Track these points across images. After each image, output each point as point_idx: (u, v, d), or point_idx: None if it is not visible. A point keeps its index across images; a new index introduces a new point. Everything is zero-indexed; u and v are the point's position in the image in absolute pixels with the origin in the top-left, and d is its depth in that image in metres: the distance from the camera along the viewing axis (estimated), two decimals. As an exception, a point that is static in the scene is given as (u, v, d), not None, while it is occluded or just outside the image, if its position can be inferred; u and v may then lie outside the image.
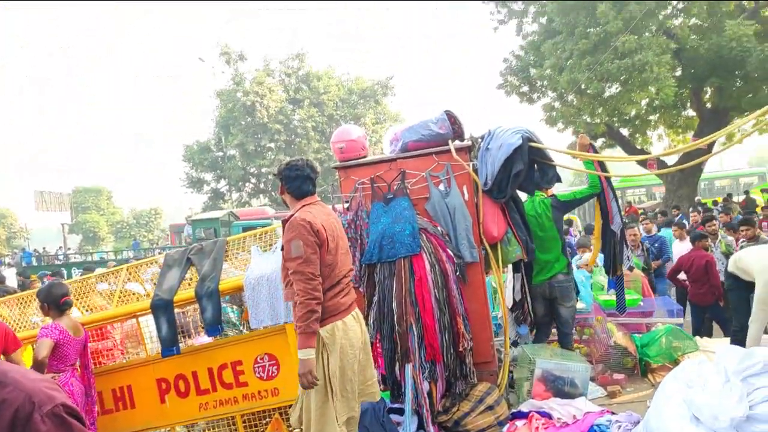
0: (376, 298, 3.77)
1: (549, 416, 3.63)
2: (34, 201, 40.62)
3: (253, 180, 36.20)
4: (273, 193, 35.46)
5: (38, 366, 3.40)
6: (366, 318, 3.78)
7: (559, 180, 4.51)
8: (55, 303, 3.71)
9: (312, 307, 2.76)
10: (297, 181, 3.06)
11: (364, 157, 4.33)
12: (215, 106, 35.20)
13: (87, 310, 4.30)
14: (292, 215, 2.96)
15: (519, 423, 3.67)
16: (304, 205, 3.01)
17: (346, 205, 4.25)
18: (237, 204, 35.66)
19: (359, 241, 4.03)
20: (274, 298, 3.66)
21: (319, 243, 2.86)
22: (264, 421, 4.19)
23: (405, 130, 4.36)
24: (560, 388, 3.95)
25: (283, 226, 2.97)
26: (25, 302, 4.55)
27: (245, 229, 21.65)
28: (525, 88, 16.90)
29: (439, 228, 3.96)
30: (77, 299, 4.26)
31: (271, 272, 3.65)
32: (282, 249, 2.94)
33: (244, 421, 3.99)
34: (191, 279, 4.02)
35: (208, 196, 35.96)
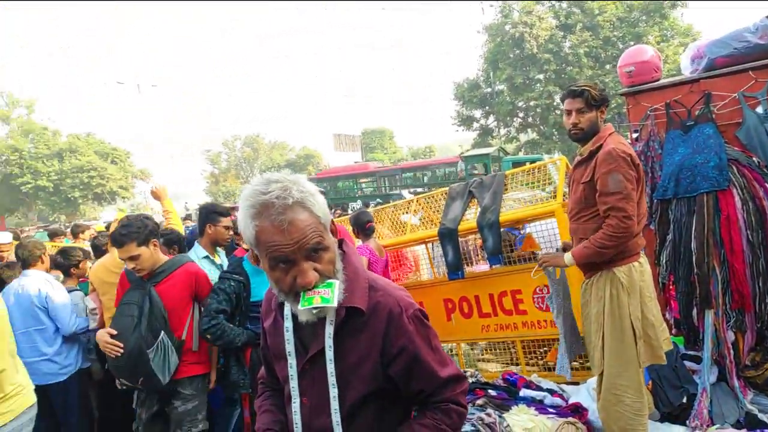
0: (670, 237, 3.44)
1: None
2: (332, 143, 47.60)
3: (521, 114, 35.68)
4: (542, 127, 34.51)
5: None
6: (657, 257, 3.50)
7: None
8: (362, 227, 4.40)
9: (612, 244, 2.62)
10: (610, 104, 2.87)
11: (658, 80, 3.86)
12: (483, 41, 35.26)
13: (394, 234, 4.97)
14: (599, 145, 2.75)
15: None
16: (610, 133, 2.80)
17: (635, 135, 3.89)
18: (505, 139, 35.80)
19: (650, 174, 3.68)
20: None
21: (637, 178, 2.68)
22: (542, 349, 4.33)
23: (711, 45, 3.71)
24: None
25: (590, 157, 2.79)
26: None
27: (514, 164, 21.75)
28: None
29: (755, 159, 3.35)
30: (382, 222, 4.97)
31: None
32: (590, 182, 2.75)
33: (523, 347, 4.18)
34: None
35: (477, 132, 36.83)
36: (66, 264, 4.16)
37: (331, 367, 1.25)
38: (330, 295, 1.17)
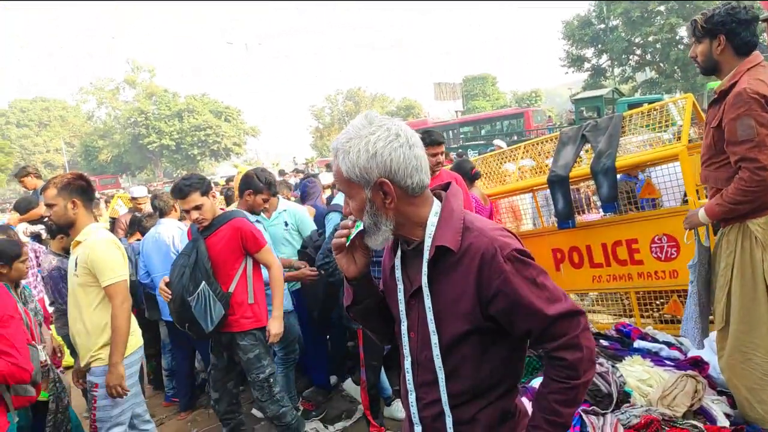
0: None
1: None
2: (433, 92, 46.85)
3: (638, 51, 32.76)
4: (662, 65, 31.54)
5: None
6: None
7: None
8: (467, 174, 4.36)
9: (746, 199, 2.38)
10: (745, 31, 2.41)
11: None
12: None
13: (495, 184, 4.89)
14: (734, 83, 2.42)
15: None
16: (750, 67, 2.41)
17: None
18: (620, 80, 33.21)
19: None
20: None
21: None
22: (658, 302, 4.12)
23: None
24: None
25: (722, 98, 2.48)
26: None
27: (631, 106, 20.19)
28: None
29: None
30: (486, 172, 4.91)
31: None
32: (718, 127, 2.49)
33: (638, 298, 4.00)
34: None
35: (589, 73, 34.46)
36: None
37: (428, 302, 1.34)
38: (352, 233, 1.37)
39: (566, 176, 3.95)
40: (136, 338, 3.02)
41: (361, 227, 1.36)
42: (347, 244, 1.39)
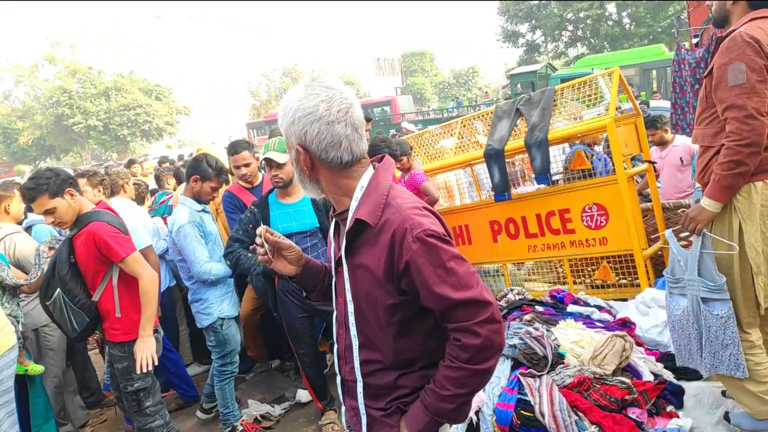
0: None
1: None
2: (372, 68, 46.59)
3: (570, 27, 33.68)
4: (592, 40, 32.60)
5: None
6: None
7: None
8: (406, 154, 4.37)
9: (742, 157, 2.13)
10: None
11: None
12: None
13: (429, 160, 4.94)
14: (731, 31, 2.24)
15: None
16: (753, 18, 2.23)
17: (695, 41, 3.65)
18: (553, 55, 34.09)
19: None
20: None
21: None
22: (589, 268, 4.32)
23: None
24: None
25: (716, 45, 2.31)
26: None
27: (564, 80, 20.74)
28: None
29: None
30: (419, 149, 4.93)
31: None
32: (709, 75, 2.30)
33: (570, 265, 4.18)
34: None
35: (524, 49, 35.19)
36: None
37: (345, 272, 1.40)
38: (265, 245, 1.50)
39: (502, 150, 4.03)
40: (4, 339, 2.86)
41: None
42: (267, 255, 1.49)
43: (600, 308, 3.55)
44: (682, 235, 2.77)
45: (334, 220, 1.49)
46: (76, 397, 4.14)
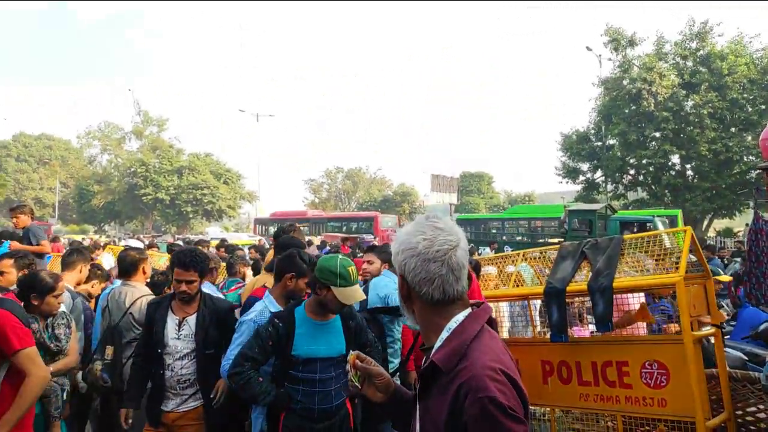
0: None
1: None
2: (430, 183, 48.00)
3: (632, 171, 34.07)
4: (653, 187, 32.71)
5: None
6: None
7: None
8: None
9: None
10: None
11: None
12: (597, 94, 34.35)
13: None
14: None
15: None
16: None
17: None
18: (612, 196, 34.23)
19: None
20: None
21: None
22: (643, 429, 4.04)
23: None
24: None
25: None
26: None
27: (623, 223, 20.70)
28: None
29: None
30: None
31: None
32: None
33: (624, 422, 3.93)
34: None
35: (582, 186, 35.58)
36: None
37: (416, 411, 1.41)
38: (350, 374, 1.59)
39: (563, 289, 4.00)
40: None
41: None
42: (357, 382, 1.53)
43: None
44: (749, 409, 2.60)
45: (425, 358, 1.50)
46: None
